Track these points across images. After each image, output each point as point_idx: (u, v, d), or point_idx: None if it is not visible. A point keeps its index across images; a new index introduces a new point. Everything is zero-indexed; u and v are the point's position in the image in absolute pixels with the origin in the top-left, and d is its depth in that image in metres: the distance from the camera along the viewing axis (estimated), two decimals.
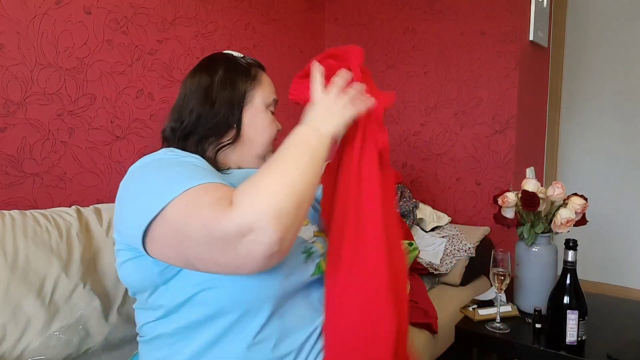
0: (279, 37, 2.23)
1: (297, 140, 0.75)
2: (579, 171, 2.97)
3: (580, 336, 1.32)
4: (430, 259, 1.93)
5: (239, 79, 0.92)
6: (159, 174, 0.74)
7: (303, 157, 0.72)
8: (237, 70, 0.93)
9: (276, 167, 0.69)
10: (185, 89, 0.93)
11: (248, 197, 0.64)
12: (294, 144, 0.75)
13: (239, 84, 0.92)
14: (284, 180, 0.66)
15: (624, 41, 2.79)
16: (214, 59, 0.96)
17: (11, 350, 1.01)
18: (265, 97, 0.94)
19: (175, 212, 0.66)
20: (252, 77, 0.94)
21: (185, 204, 0.66)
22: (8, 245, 1.06)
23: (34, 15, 1.36)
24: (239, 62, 0.95)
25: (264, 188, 0.65)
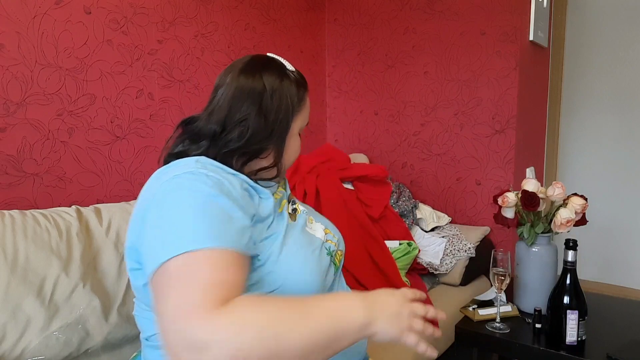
0: (279, 37, 2.23)
1: (340, 310, 0.65)
2: (579, 171, 2.97)
3: (580, 336, 1.32)
4: (430, 259, 1.93)
5: (289, 97, 0.86)
6: (185, 215, 0.67)
7: (325, 330, 0.62)
8: (290, 88, 0.87)
9: (293, 319, 0.61)
10: (234, 92, 0.84)
11: (234, 320, 0.57)
12: (333, 310, 0.65)
13: (291, 105, 0.86)
14: (279, 339, 0.58)
15: (623, 41, 2.79)
16: (264, 63, 0.88)
17: (11, 350, 1.01)
18: (302, 121, 0.91)
19: (172, 270, 0.62)
20: (300, 99, 0.89)
21: (185, 265, 0.62)
22: (8, 245, 1.06)
23: (34, 15, 1.36)
24: (290, 77, 0.88)
25: (253, 326, 0.58)
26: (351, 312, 0.66)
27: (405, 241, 1.84)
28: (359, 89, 2.49)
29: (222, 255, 0.64)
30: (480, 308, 1.57)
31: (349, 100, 2.53)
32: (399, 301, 0.71)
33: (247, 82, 0.84)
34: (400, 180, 2.37)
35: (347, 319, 0.65)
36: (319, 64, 2.53)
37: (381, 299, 0.70)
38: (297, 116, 0.88)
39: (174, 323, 0.58)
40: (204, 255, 0.63)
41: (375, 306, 0.68)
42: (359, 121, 2.51)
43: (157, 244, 0.65)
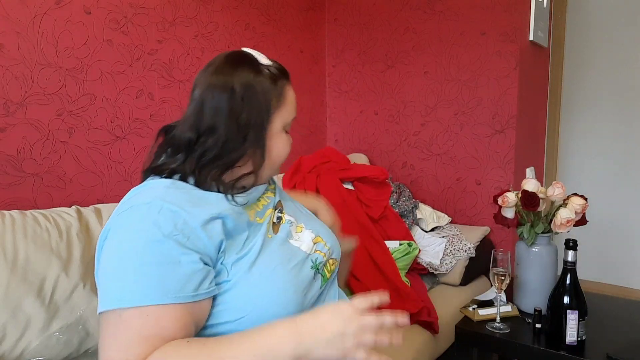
0: (279, 37, 2.23)
1: (267, 348, 0.62)
2: (579, 171, 2.97)
3: (580, 336, 1.32)
4: (430, 259, 1.93)
5: (265, 96, 0.80)
6: (124, 266, 0.67)
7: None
8: (263, 85, 0.80)
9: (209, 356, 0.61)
10: (204, 94, 0.79)
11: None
12: (259, 348, 0.62)
13: (265, 103, 0.80)
14: None
15: (624, 41, 2.79)
16: (236, 61, 0.82)
17: (11, 350, 1.01)
18: (285, 117, 0.83)
19: (111, 320, 0.65)
20: (278, 94, 0.82)
21: (120, 316, 0.64)
22: (8, 245, 1.06)
23: (34, 15, 1.36)
24: (263, 72, 0.82)
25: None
26: (280, 347, 0.62)
27: (405, 241, 1.84)
28: (359, 89, 2.49)
29: (154, 311, 0.64)
30: (480, 308, 1.57)
31: (349, 100, 2.53)
32: (342, 320, 0.64)
33: (218, 82, 0.79)
34: (400, 180, 2.37)
35: (275, 356, 0.62)
36: (319, 64, 2.53)
37: (318, 323, 0.64)
38: (276, 113, 0.82)
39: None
40: (135, 313, 0.64)
41: (307, 336, 0.63)
42: (359, 121, 2.51)
43: (100, 291, 0.68)
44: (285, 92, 0.84)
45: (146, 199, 0.71)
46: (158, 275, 0.66)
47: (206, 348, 0.63)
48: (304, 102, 2.44)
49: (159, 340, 0.64)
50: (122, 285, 0.66)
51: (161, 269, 0.66)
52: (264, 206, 0.87)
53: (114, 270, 0.68)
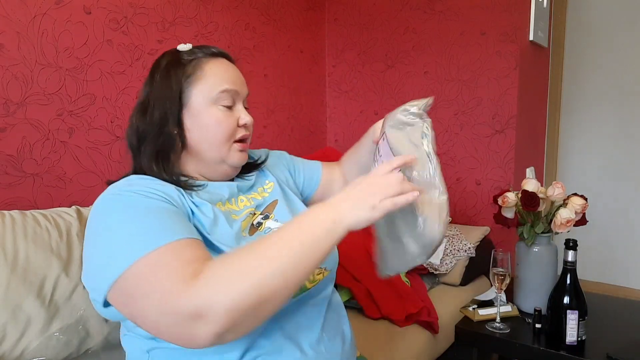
0: (279, 37, 2.23)
1: (305, 220, 0.66)
2: (579, 171, 2.97)
3: (580, 336, 1.32)
4: (430, 259, 1.93)
5: (172, 79, 0.82)
6: (121, 226, 0.67)
7: (295, 244, 0.63)
8: (172, 69, 0.83)
9: (261, 250, 0.63)
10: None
11: (213, 279, 0.59)
12: (297, 223, 0.65)
13: (172, 85, 0.81)
14: (257, 272, 0.60)
15: (624, 41, 2.79)
16: (158, 59, 0.87)
17: (11, 350, 1.01)
18: (208, 90, 0.82)
19: (134, 277, 0.62)
20: (189, 73, 0.82)
21: (148, 267, 0.62)
22: (8, 245, 1.06)
23: (34, 15, 1.35)
24: (179, 58, 0.84)
25: (232, 274, 0.60)
26: (316, 216, 0.66)
27: None
28: (359, 89, 2.49)
29: (177, 245, 0.65)
30: (480, 308, 1.57)
31: (349, 100, 2.53)
32: (366, 181, 0.68)
33: (144, 85, 0.86)
34: None
35: (314, 224, 0.65)
36: (319, 64, 2.53)
37: (345, 193, 0.68)
38: (190, 89, 0.81)
39: (163, 307, 0.59)
40: (162, 251, 0.63)
41: (339, 201, 0.67)
42: (359, 121, 2.51)
43: (116, 253, 0.65)
44: (201, 66, 0.83)
45: (114, 190, 0.74)
46: (165, 222, 0.68)
47: (253, 247, 0.64)
48: (304, 102, 2.44)
49: (198, 261, 0.63)
50: (136, 239, 0.65)
51: (165, 217, 0.69)
52: (245, 207, 0.86)
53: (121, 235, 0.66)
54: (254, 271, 0.60)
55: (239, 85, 0.86)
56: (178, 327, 0.59)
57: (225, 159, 0.84)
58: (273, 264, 0.61)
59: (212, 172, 0.86)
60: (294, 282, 0.62)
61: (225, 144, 0.83)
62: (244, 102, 0.88)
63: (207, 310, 0.57)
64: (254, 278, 0.59)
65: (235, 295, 0.58)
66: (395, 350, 1.43)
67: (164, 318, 0.60)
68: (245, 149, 0.87)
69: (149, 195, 0.72)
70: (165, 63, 0.84)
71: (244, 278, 0.59)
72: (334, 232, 0.64)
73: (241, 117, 0.85)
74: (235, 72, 0.87)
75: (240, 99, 0.86)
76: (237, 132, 0.85)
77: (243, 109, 0.86)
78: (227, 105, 0.83)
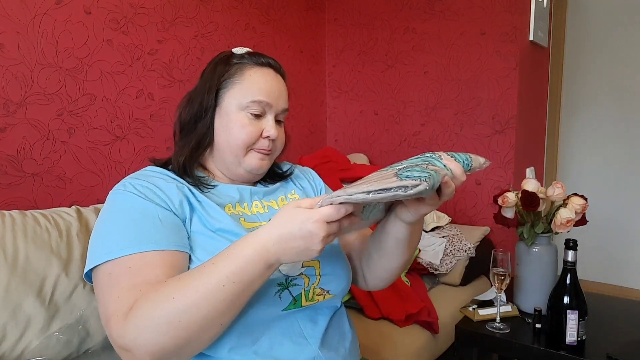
0: (279, 37, 2.23)
1: (241, 265, 0.64)
2: (579, 171, 2.97)
3: (580, 336, 1.32)
4: (430, 259, 1.93)
5: (215, 77, 0.86)
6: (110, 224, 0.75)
7: (232, 291, 0.63)
8: (218, 67, 0.86)
9: (191, 290, 0.63)
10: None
11: (142, 320, 0.63)
12: (233, 268, 0.64)
13: (213, 82, 0.85)
14: (184, 317, 0.62)
15: (623, 41, 2.79)
16: (215, 57, 0.91)
17: (11, 350, 1.01)
18: (241, 97, 0.84)
19: (100, 277, 0.71)
20: (229, 75, 0.85)
21: (107, 276, 0.70)
22: (8, 245, 1.06)
23: (34, 15, 1.36)
24: (229, 59, 0.87)
25: (159, 319, 0.63)
26: (251, 259, 0.65)
27: None
28: (359, 89, 2.49)
29: (139, 258, 0.70)
30: (480, 308, 1.56)
31: (349, 100, 2.53)
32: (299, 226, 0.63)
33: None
34: None
35: (248, 268, 0.64)
36: (319, 64, 2.53)
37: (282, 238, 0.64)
38: (228, 92, 0.84)
39: (106, 328, 0.68)
40: (122, 262, 0.69)
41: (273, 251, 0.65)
42: (359, 121, 2.51)
43: (89, 253, 0.74)
44: (243, 71, 0.85)
45: (120, 184, 0.81)
46: (135, 228, 0.72)
47: (181, 281, 0.66)
48: (304, 102, 2.44)
49: (145, 286, 0.68)
50: (103, 243, 0.72)
51: (141, 221, 0.73)
52: (258, 213, 0.86)
53: (99, 234, 0.75)
54: (181, 315, 0.63)
55: (274, 98, 0.86)
56: (115, 346, 0.67)
57: (242, 162, 0.85)
58: (201, 309, 0.63)
59: (231, 173, 0.88)
60: (223, 323, 0.66)
61: (243, 149, 0.84)
62: (279, 116, 0.88)
63: (132, 348, 0.63)
64: (180, 324, 0.63)
65: (159, 339, 0.63)
66: (395, 350, 1.43)
67: (107, 333, 0.68)
68: (266, 158, 0.87)
69: (146, 196, 0.76)
70: (216, 61, 0.88)
71: (169, 324, 0.62)
72: (267, 275, 0.66)
73: (266, 129, 0.85)
74: (277, 85, 0.87)
75: (272, 112, 0.86)
76: (259, 142, 0.85)
77: (272, 121, 0.86)
78: (255, 114, 0.84)
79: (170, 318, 0.63)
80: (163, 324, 0.62)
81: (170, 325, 0.62)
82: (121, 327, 0.64)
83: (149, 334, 0.63)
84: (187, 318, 0.63)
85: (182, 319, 0.63)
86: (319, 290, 0.82)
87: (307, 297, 0.80)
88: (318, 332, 0.81)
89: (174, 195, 0.78)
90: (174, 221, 0.76)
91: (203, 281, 0.64)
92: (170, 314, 0.63)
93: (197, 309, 0.63)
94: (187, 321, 0.63)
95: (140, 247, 0.70)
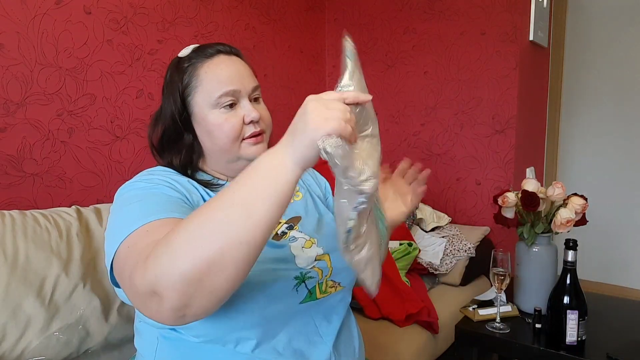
0: (279, 37, 2.23)
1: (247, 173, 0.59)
2: (579, 171, 2.97)
3: (580, 336, 1.32)
4: (430, 259, 1.93)
5: (175, 92, 0.82)
6: (121, 212, 0.73)
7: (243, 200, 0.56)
8: (173, 81, 0.83)
9: (206, 212, 0.57)
10: None
11: (160, 255, 0.57)
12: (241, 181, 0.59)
13: (177, 96, 0.82)
14: (198, 240, 0.55)
15: (624, 41, 2.79)
16: (167, 70, 0.87)
17: (11, 350, 1.01)
18: (206, 97, 0.80)
19: (120, 255, 0.66)
20: (186, 82, 0.82)
21: (127, 246, 0.65)
22: (8, 245, 1.06)
23: (34, 15, 1.35)
24: (179, 67, 0.83)
25: (175, 247, 0.56)
26: (264, 158, 0.60)
27: (405, 241, 1.84)
28: None
29: (156, 224, 0.66)
30: (480, 308, 1.57)
31: None
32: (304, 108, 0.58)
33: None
34: None
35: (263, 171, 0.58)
36: (319, 64, 2.53)
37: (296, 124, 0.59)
38: (193, 97, 0.81)
39: (130, 288, 0.62)
40: (140, 231, 0.66)
41: (290, 137, 0.59)
42: None
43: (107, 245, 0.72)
44: (197, 72, 0.81)
45: (133, 181, 0.79)
46: (155, 202, 0.71)
47: (201, 210, 0.59)
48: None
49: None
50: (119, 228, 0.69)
51: (156, 200, 0.72)
52: None
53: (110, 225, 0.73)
54: (194, 231, 0.56)
55: (239, 82, 0.81)
56: (144, 305, 0.60)
57: (240, 156, 0.82)
58: (215, 219, 0.56)
59: (231, 170, 0.85)
60: (242, 241, 0.55)
61: (234, 144, 0.81)
62: (253, 96, 0.84)
63: (157, 287, 0.56)
64: (196, 241, 0.55)
65: (178, 266, 0.55)
66: (395, 350, 1.43)
67: (134, 298, 0.62)
68: (259, 142, 0.83)
69: (156, 183, 0.76)
70: (169, 74, 0.85)
71: (185, 244, 0.56)
72: (281, 180, 0.57)
73: (246, 115, 0.81)
74: (235, 68, 0.82)
75: (244, 96, 0.82)
76: (246, 130, 0.82)
77: (248, 105, 0.82)
78: (229, 105, 0.80)
79: (186, 237, 0.56)
80: (179, 246, 0.56)
81: (187, 244, 0.55)
82: (143, 272, 0.57)
83: (168, 263, 0.55)
84: (201, 233, 0.56)
85: (196, 234, 0.56)
86: (331, 283, 0.83)
87: (321, 289, 0.82)
88: (333, 330, 0.82)
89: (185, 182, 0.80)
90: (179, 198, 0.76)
91: (216, 197, 0.59)
92: (185, 233, 0.56)
93: (211, 220, 0.56)
94: (202, 236, 0.55)
95: (158, 215, 0.67)
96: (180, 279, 0.54)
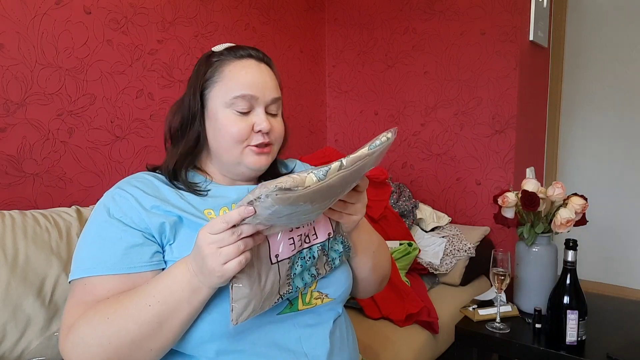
0: (279, 37, 2.23)
1: (168, 289, 0.66)
2: (579, 171, 2.97)
3: (580, 336, 1.32)
4: (430, 259, 1.93)
5: (198, 80, 0.83)
6: (82, 238, 0.77)
7: (150, 309, 0.66)
8: (199, 70, 0.84)
9: (122, 317, 0.67)
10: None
11: (76, 341, 0.68)
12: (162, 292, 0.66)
13: (197, 86, 0.82)
14: (114, 341, 0.66)
15: (623, 41, 2.79)
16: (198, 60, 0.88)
17: (11, 350, 1.01)
18: (224, 94, 0.80)
19: (70, 288, 0.76)
20: (209, 75, 0.82)
21: (70, 290, 0.75)
22: (8, 245, 1.06)
23: (34, 15, 1.36)
24: (209, 59, 0.84)
25: (91, 342, 0.67)
26: (177, 286, 0.67)
27: (405, 241, 1.83)
28: (359, 89, 2.49)
29: (94, 281, 0.72)
30: (480, 308, 1.56)
31: (349, 100, 2.53)
32: (197, 248, 0.63)
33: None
34: (400, 181, 2.37)
35: (175, 291, 0.66)
36: (319, 64, 2.53)
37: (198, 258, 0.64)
38: (212, 90, 0.82)
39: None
40: (78, 284, 0.73)
41: (196, 272, 0.65)
42: (359, 121, 2.51)
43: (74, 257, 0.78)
44: (223, 68, 0.81)
45: (111, 188, 0.81)
46: (98, 250, 0.74)
47: (118, 298, 0.69)
48: (304, 102, 2.44)
49: (87, 306, 0.71)
50: (75, 261, 0.76)
51: (102, 244, 0.74)
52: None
53: (77, 247, 0.78)
54: (111, 337, 0.66)
55: (259, 89, 0.81)
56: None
57: (241, 161, 0.82)
58: (129, 331, 0.66)
59: (231, 173, 0.85)
60: (152, 349, 0.67)
61: (237, 147, 0.81)
62: (270, 108, 0.83)
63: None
64: (110, 346, 0.66)
65: (90, 357, 0.67)
66: (395, 350, 1.43)
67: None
68: (264, 153, 0.82)
69: (116, 219, 0.75)
70: (198, 65, 0.86)
71: (100, 347, 0.66)
72: (195, 300, 0.66)
73: (256, 123, 0.80)
74: (260, 75, 0.82)
75: (260, 104, 0.81)
76: (253, 138, 0.81)
77: (262, 114, 0.81)
78: (242, 112, 0.80)
79: (101, 340, 0.66)
80: (95, 345, 0.66)
81: (101, 347, 0.66)
82: (63, 342, 0.69)
83: (82, 355, 0.67)
84: (117, 341, 0.66)
85: (112, 341, 0.66)
86: (316, 294, 0.80)
87: (304, 300, 0.79)
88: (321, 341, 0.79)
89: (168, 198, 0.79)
90: (135, 240, 0.74)
91: (134, 300, 0.67)
92: (102, 336, 0.66)
93: (126, 331, 0.66)
94: (117, 344, 0.66)
95: (96, 271, 0.72)
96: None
